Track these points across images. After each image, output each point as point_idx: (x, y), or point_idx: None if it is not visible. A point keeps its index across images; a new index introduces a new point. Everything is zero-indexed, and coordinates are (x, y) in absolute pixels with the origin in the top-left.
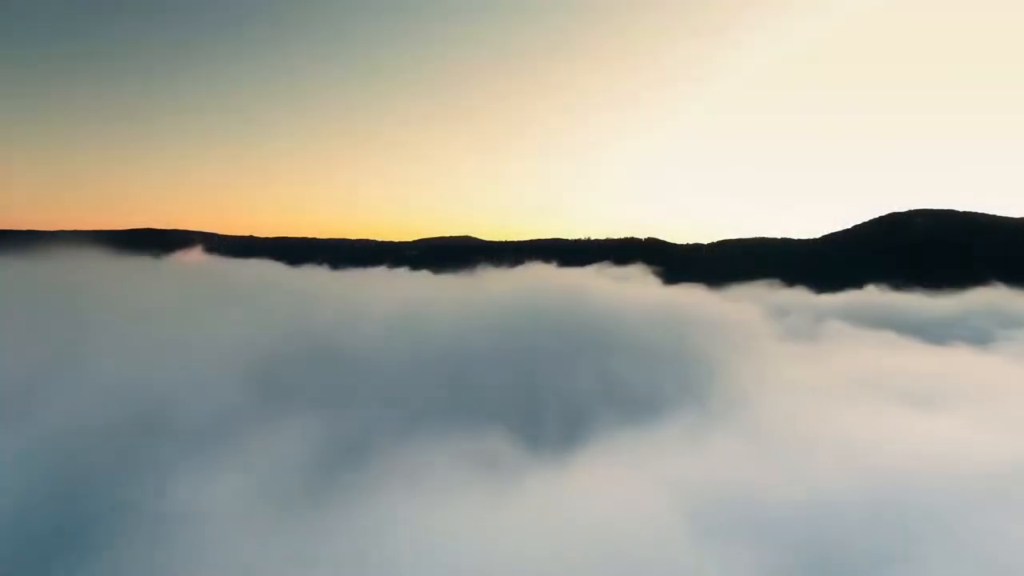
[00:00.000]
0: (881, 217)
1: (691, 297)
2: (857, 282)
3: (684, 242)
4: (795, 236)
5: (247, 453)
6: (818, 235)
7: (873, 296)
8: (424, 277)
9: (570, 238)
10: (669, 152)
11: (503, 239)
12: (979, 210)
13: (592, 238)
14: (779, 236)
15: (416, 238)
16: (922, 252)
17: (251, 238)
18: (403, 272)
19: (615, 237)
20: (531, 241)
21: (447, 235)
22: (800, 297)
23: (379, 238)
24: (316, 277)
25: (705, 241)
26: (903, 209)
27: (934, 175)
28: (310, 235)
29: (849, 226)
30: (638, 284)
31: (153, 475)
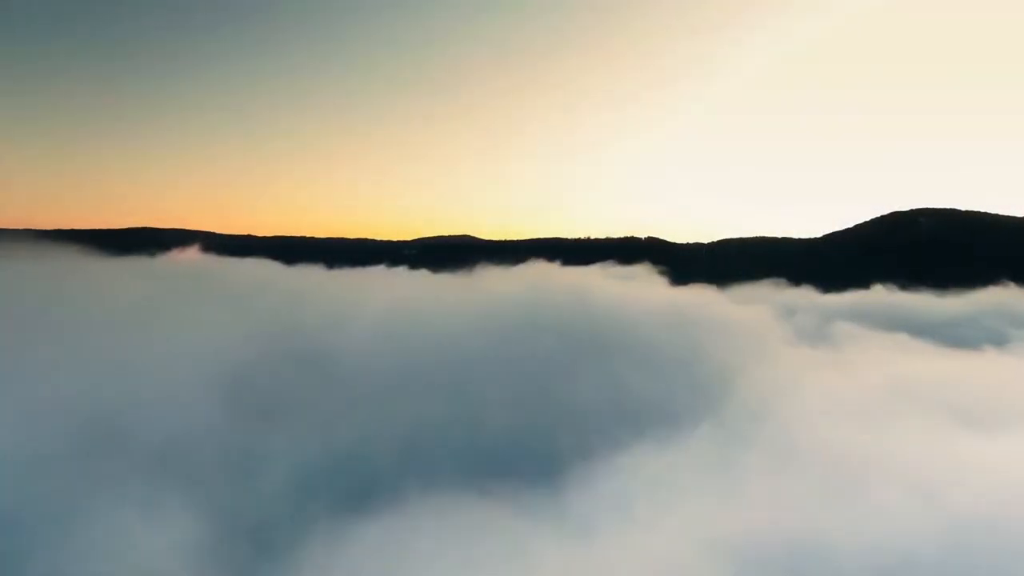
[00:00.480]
0: (883, 216)
1: (700, 298)
2: (861, 281)
3: (684, 241)
4: (796, 236)
5: (211, 481)
6: (819, 235)
7: (880, 296)
8: (422, 276)
9: (570, 237)
10: (669, 152)
11: (502, 238)
12: (982, 209)
13: (592, 237)
14: (780, 235)
15: (414, 237)
16: (926, 251)
17: (248, 237)
18: (401, 271)
19: (615, 236)
20: (530, 240)
21: (446, 234)
22: (806, 297)
23: (377, 237)
24: (312, 277)
25: (705, 240)
26: (905, 208)
27: (936, 174)
28: (308, 234)
29: (851, 225)
30: (644, 284)
31: (102, 503)
